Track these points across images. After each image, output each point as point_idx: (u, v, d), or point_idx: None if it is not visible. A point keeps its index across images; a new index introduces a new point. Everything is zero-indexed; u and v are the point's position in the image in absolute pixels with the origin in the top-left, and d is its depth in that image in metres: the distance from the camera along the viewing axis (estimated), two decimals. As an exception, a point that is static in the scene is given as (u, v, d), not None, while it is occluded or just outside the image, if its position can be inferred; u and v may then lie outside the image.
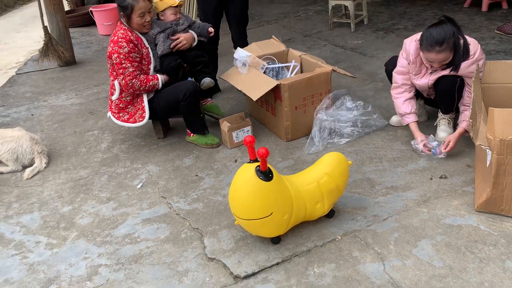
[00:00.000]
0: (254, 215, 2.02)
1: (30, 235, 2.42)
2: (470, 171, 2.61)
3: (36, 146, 3.06)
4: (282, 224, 2.10)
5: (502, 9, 5.97)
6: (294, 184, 2.13)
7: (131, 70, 2.86)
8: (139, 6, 2.83)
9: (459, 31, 2.60)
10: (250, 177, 1.99)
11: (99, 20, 6.56)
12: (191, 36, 3.12)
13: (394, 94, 2.97)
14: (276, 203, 2.03)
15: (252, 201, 2.00)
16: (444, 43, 2.50)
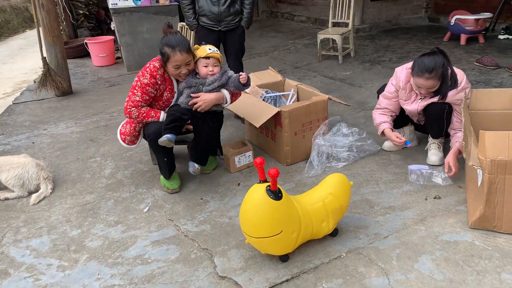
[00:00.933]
0: (265, 233, 2.12)
1: (41, 258, 2.46)
2: (461, 191, 2.77)
3: (42, 172, 3.13)
4: (290, 242, 2.20)
5: (479, 43, 6.36)
6: (302, 203, 2.26)
7: (137, 99, 2.82)
8: (175, 59, 2.72)
9: (448, 63, 2.82)
10: (261, 197, 2.10)
11: (93, 51, 6.71)
12: (214, 98, 2.86)
13: (374, 111, 3.22)
14: (286, 222, 2.14)
15: (263, 220, 2.11)
16: (433, 71, 2.72)
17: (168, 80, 2.89)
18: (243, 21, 3.92)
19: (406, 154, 3.31)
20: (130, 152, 3.68)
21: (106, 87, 5.68)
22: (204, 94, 2.84)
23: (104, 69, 6.64)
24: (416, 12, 8.22)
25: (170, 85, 2.91)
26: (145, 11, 6.13)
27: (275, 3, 10.05)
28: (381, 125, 3.12)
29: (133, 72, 6.26)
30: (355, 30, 7.44)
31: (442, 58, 2.77)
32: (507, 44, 6.23)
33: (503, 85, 4.54)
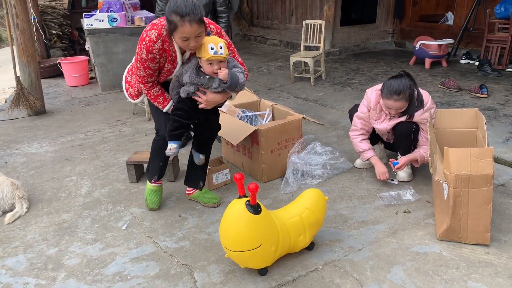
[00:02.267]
0: (245, 247, 2.19)
1: (18, 277, 2.43)
2: (429, 205, 2.92)
3: (17, 191, 3.10)
4: (269, 256, 2.27)
5: (443, 67, 6.71)
6: (280, 217, 2.34)
7: (142, 75, 2.63)
8: (183, 30, 2.35)
9: (415, 85, 3.00)
10: (241, 211, 2.17)
11: (67, 71, 6.69)
12: (221, 99, 2.70)
13: (352, 135, 3.35)
14: (264, 235, 2.21)
15: (243, 234, 2.17)
16: (401, 93, 2.89)
17: (168, 51, 2.56)
18: None
19: (377, 171, 3.46)
20: (107, 171, 3.69)
21: (80, 107, 5.66)
22: (210, 94, 2.62)
23: (78, 89, 6.61)
24: (383, 37, 8.59)
25: (170, 56, 2.59)
26: (120, 32, 6.19)
27: (248, 26, 10.29)
28: (366, 153, 3.27)
29: (108, 92, 6.27)
30: (326, 54, 7.71)
31: (409, 80, 2.95)
32: (468, 68, 6.60)
33: (465, 106, 4.81)
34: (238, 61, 2.70)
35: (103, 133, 4.64)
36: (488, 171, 2.30)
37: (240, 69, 2.64)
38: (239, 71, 2.61)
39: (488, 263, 2.34)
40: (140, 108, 5.22)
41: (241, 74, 2.62)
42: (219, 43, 2.45)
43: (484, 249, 2.44)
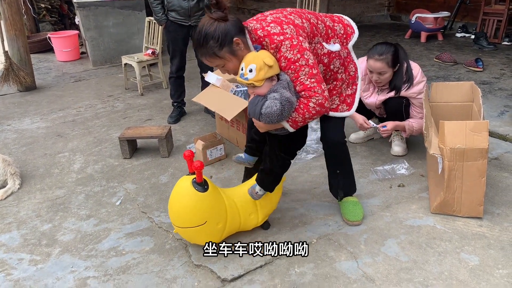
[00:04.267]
0: (190, 223, 2.18)
1: (11, 253, 2.43)
2: (423, 180, 2.93)
3: (8, 168, 3.06)
4: (216, 233, 2.26)
5: (438, 40, 6.64)
6: (230, 196, 2.34)
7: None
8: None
9: (405, 58, 2.96)
10: (186, 188, 2.16)
11: (57, 46, 6.56)
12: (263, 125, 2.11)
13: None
14: (210, 213, 2.19)
15: (188, 210, 2.17)
16: (383, 54, 2.90)
17: None
18: None
19: (371, 145, 3.45)
20: (99, 147, 3.66)
21: (71, 82, 5.57)
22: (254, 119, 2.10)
23: (69, 64, 6.50)
24: (378, 10, 8.47)
25: None
26: (111, 5, 6.04)
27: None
28: None
29: (99, 67, 6.17)
30: (321, 27, 7.59)
31: (394, 47, 2.94)
32: (463, 41, 6.54)
33: (461, 80, 4.77)
34: (303, 84, 1.95)
35: (95, 108, 4.58)
36: (483, 144, 2.30)
37: (278, 96, 1.91)
38: (274, 97, 1.92)
39: (480, 235, 2.36)
40: (132, 83, 5.15)
41: (273, 101, 1.91)
42: (250, 65, 1.92)
43: (477, 222, 2.46)
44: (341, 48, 2.20)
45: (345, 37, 2.23)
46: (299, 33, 1.96)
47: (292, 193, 2.86)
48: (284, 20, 1.99)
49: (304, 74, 1.94)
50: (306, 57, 1.93)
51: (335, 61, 2.18)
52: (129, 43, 6.27)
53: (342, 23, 2.25)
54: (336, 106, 2.30)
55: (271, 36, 1.93)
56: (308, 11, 2.18)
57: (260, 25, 1.98)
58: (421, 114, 3.01)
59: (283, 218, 2.60)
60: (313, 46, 2.06)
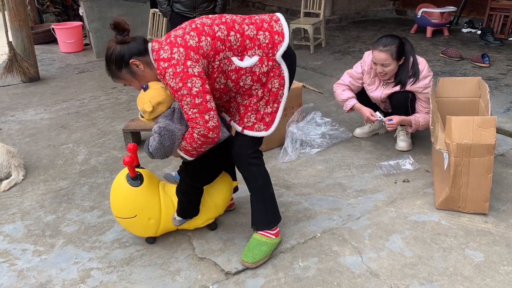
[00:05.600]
0: (120, 214, 2.25)
1: (15, 243, 2.43)
2: (428, 175, 2.91)
3: (12, 160, 3.06)
4: (150, 227, 2.28)
5: (444, 35, 6.59)
6: (169, 193, 2.32)
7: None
8: None
9: (412, 52, 2.93)
10: (120, 181, 2.23)
11: (61, 37, 6.54)
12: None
13: (336, 86, 3.32)
14: (142, 207, 2.22)
15: (119, 202, 2.23)
16: (387, 45, 2.87)
17: None
18: (218, 7, 3.93)
19: (376, 140, 3.43)
20: (103, 139, 3.65)
21: (75, 74, 5.56)
22: None
23: (72, 55, 6.48)
24: (384, 4, 8.40)
25: None
26: (115, -4, 6.02)
27: (246, -8, 10.03)
28: (349, 101, 3.21)
29: (103, 59, 6.13)
30: (326, 21, 7.54)
31: (400, 40, 2.91)
32: (469, 37, 6.48)
33: (466, 75, 4.74)
34: (186, 114, 1.94)
35: (98, 100, 4.57)
36: (490, 140, 2.28)
37: (157, 128, 2.00)
38: (153, 130, 2.02)
39: (486, 231, 2.34)
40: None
41: (153, 135, 2.02)
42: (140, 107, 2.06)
43: (482, 218, 2.45)
44: (259, 61, 1.99)
45: (271, 47, 2.00)
46: (188, 57, 1.88)
47: (296, 187, 2.85)
48: (177, 41, 1.91)
49: (186, 104, 1.91)
50: (189, 85, 1.87)
51: (244, 78, 2.01)
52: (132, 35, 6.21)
53: (271, 30, 2.02)
54: (252, 124, 2.09)
55: (158, 62, 1.93)
56: (225, 18, 2.01)
57: (158, 46, 1.97)
58: (427, 109, 2.99)
59: (287, 212, 2.60)
60: (217, 63, 1.95)
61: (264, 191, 2.22)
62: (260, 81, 2.03)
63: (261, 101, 2.07)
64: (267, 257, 2.21)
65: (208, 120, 1.91)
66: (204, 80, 1.91)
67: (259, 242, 2.21)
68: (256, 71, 2.01)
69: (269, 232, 2.24)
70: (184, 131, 2.03)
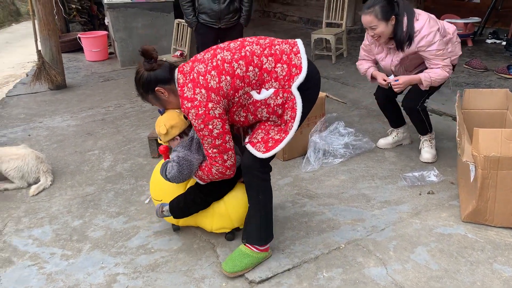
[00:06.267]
0: (152, 195, 2.51)
1: (44, 247, 2.49)
2: (454, 187, 2.88)
3: (41, 165, 3.14)
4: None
5: (468, 46, 6.51)
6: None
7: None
8: None
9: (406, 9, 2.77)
10: (158, 165, 2.46)
11: (87, 46, 6.69)
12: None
13: (358, 63, 3.31)
14: (166, 194, 2.39)
15: (152, 183, 2.48)
16: (370, 7, 2.77)
17: None
18: (242, 18, 3.98)
19: (400, 151, 3.41)
20: (128, 146, 3.72)
21: (100, 82, 5.68)
22: None
23: (97, 64, 6.63)
24: (406, 15, 8.35)
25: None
26: (140, 6, 6.14)
27: (268, 2, 10.12)
28: (368, 70, 3.18)
29: (127, 68, 6.27)
30: (348, 31, 7.54)
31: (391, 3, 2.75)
32: (494, 48, 6.40)
33: (492, 87, 4.68)
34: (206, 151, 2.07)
35: (123, 108, 4.66)
36: (519, 153, 2.25)
37: (176, 157, 2.17)
38: (172, 159, 2.20)
39: (514, 246, 2.30)
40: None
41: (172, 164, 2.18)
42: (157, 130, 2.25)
43: (510, 232, 2.40)
44: (273, 94, 2.01)
45: (287, 79, 2.01)
46: (209, 99, 1.95)
47: (320, 197, 2.85)
48: (200, 81, 1.98)
49: (207, 144, 2.03)
50: (210, 127, 1.96)
51: (260, 110, 2.05)
52: (157, 44, 6.34)
53: (289, 63, 2.02)
54: (256, 142, 2.09)
55: (183, 100, 2.02)
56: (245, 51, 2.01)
57: (182, 81, 2.04)
58: (439, 64, 2.84)
59: (310, 222, 2.60)
60: (236, 99, 2.02)
61: (263, 206, 2.21)
62: (276, 113, 2.06)
63: (276, 127, 2.10)
64: (248, 270, 2.21)
65: (226, 159, 2.06)
66: (224, 121, 2.00)
67: (242, 253, 2.21)
68: (270, 103, 2.03)
69: (255, 246, 2.22)
70: (201, 160, 2.20)
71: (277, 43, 2.07)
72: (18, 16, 13.32)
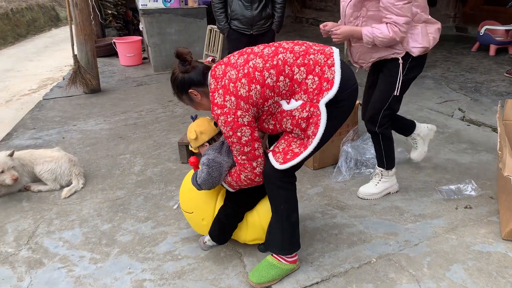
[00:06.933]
0: (183, 207, 2.42)
1: (74, 250, 2.51)
2: (493, 202, 2.74)
3: (74, 168, 3.19)
4: (201, 227, 2.38)
5: (509, 54, 6.27)
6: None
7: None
8: None
9: None
10: (188, 175, 2.40)
11: (121, 51, 6.82)
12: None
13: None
14: (198, 206, 2.34)
15: (183, 195, 2.40)
16: None
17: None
18: (274, 24, 3.95)
19: (435, 162, 3.28)
20: (159, 151, 3.74)
21: (133, 86, 5.77)
22: None
23: (131, 68, 6.74)
24: (443, 21, 8.14)
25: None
26: (174, 12, 6.22)
27: (300, 8, 10.08)
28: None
29: (160, 73, 6.35)
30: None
31: None
32: (537, 56, 6.14)
33: (534, 97, 4.47)
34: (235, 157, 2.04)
35: (155, 113, 4.70)
36: None
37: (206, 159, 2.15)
38: (202, 162, 2.18)
39: (559, 268, 2.16)
40: (191, 89, 5.23)
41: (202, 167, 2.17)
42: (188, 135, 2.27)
43: (555, 253, 2.26)
44: (300, 106, 1.94)
45: (316, 93, 1.92)
46: (238, 107, 1.93)
47: (351, 208, 2.77)
48: (230, 88, 1.95)
49: (236, 150, 2.01)
50: (239, 134, 1.94)
51: (285, 121, 1.99)
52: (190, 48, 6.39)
53: (321, 75, 1.92)
54: (277, 151, 2.05)
55: (213, 106, 2.01)
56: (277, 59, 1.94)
57: (214, 86, 2.02)
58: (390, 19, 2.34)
59: (340, 234, 2.52)
60: (266, 108, 1.98)
61: (286, 216, 2.13)
62: (299, 126, 1.98)
63: (298, 140, 2.04)
64: (275, 281, 2.17)
65: (255, 166, 2.03)
66: (253, 129, 1.97)
67: (269, 264, 2.19)
68: (295, 115, 1.97)
69: (282, 257, 2.19)
70: (230, 164, 2.17)
71: (312, 51, 1.99)
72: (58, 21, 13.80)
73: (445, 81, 5.13)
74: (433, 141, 3.63)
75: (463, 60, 6.03)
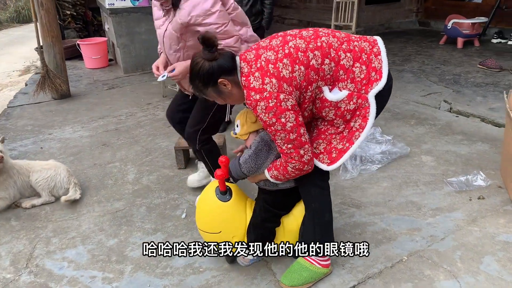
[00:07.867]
0: (205, 228, 2.14)
1: (82, 270, 2.29)
2: (503, 192, 2.77)
3: (72, 178, 2.96)
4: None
5: (475, 46, 6.51)
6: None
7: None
8: None
9: None
10: (209, 193, 2.12)
11: (86, 53, 6.46)
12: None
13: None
14: (227, 224, 2.10)
15: (205, 215, 2.14)
16: None
17: None
18: (264, 21, 3.85)
19: (437, 155, 3.30)
20: (150, 157, 3.53)
21: (105, 90, 5.46)
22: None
23: (98, 71, 6.39)
24: (407, 16, 8.35)
25: None
26: (143, 11, 5.94)
27: (264, 6, 10.00)
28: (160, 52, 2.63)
29: (131, 74, 6.07)
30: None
31: None
32: (501, 47, 6.40)
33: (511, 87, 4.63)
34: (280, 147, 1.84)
35: (136, 117, 4.46)
36: None
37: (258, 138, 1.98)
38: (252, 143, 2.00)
39: None
40: (170, 90, 5.02)
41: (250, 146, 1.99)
42: (237, 121, 2.05)
43: None
44: (347, 97, 1.82)
45: (365, 83, 1.82)
46: (281, 90, 1.74)
47: (367, 206, 2.72)
48: (269, 69, 1.75)
49: (280, 139, 1.80)
50: (283, 121, 1.74)
51: (327, 110, 1.86)
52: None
53: (368, 64, 1.82)
54: (318, 153, 1.93)
55: (249, 91, 1.78)
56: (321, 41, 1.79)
57: (247, 70, 1.80)
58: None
59: (363, 233, 2.46)
60: (309, 94, 1.81)
61: (317, 215, 2.04)
62: (344, 118, 1.87)
63: (338, 135, 1.92)
64: (307, 285, 2.07)
65: (303, 154, 1.82)
66: (297, 113, 1.78)
67: (301, 267, 2.09)
68: (341, 107, 1.83)
69: (315, 260, 2.09)
70: (275, 155, 1.97)
71: (354, 39, 1.86)
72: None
73: (424, 74, 5.22)
74: (428, 133, 3.67)
75: (435, 54, 6.18)
